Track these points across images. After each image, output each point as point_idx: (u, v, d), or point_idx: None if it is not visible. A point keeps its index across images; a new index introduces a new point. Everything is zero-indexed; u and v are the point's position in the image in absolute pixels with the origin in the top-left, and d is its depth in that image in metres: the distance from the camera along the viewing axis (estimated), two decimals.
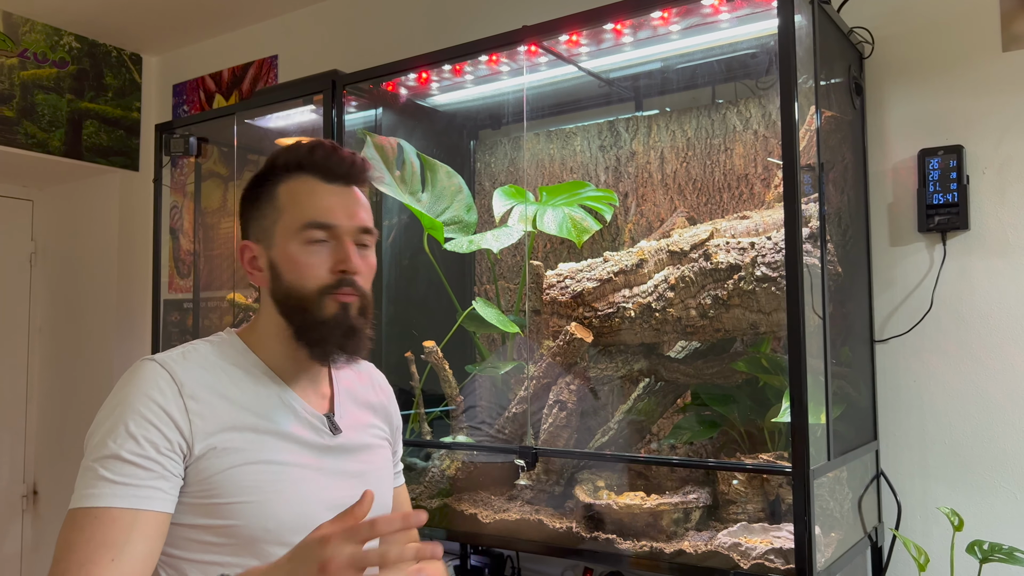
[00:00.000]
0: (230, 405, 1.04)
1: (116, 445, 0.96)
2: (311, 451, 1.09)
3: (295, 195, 1.08)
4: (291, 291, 1.07)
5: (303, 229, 1.06)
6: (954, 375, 1.77)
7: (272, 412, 1.07)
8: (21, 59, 3.02)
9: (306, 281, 1.07)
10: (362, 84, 2.17)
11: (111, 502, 0.95)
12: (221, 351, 1.10)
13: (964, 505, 1.73)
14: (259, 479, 1.02)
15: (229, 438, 1.02)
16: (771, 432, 1.70)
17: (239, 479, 1.01)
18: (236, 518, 1.01)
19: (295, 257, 1.07)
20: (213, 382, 1.05)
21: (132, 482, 0.96)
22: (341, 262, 1.07)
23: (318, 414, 1.12)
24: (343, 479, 1.12)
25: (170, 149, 2.53)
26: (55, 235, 3.63)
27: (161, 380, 1.01)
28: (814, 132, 1.58)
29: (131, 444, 0.97)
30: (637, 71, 2.08)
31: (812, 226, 1.55)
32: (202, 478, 1.00)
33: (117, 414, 0.99)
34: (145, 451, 0.97)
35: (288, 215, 1.08)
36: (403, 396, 2.16)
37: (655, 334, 1.75)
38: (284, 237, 1.07)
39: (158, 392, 1.00)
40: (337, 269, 1.07)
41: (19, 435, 3.58)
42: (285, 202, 1.08)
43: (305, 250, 1.07)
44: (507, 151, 2.36)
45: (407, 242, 2.26)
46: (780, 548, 1.45)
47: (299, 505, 1.04)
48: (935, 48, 1.81)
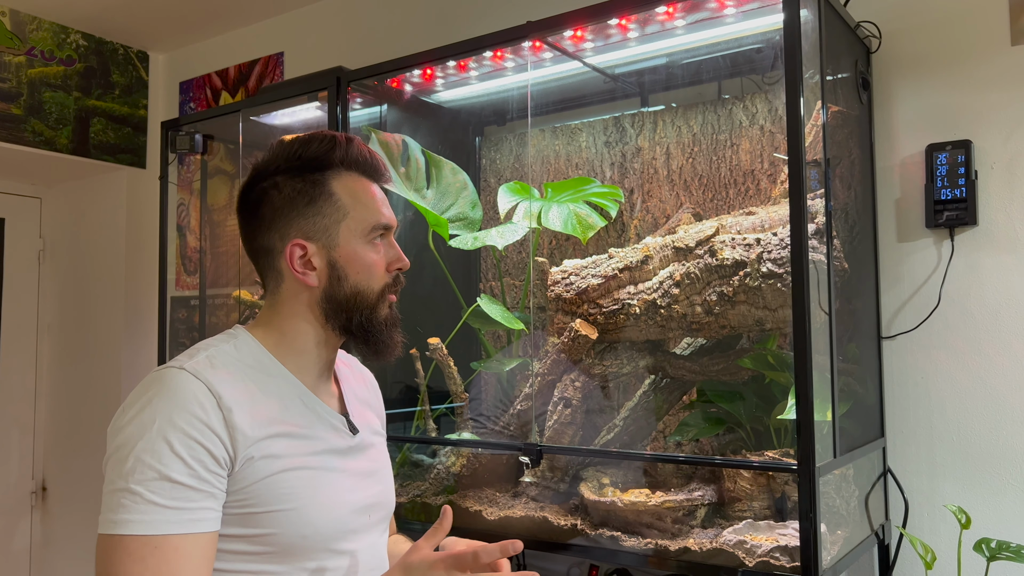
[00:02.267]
0: (262, 412, 1.02)
1: (163, 466, 0.92)
2: (336, 454, 1.08)
3: (356, 194, 1.09)
4: (357, 292, 1.08)
5: (374, 230, 1.09)
6: (962, 372, 1.76)
7: (300, 417, 1.06)
8: (28, 57, 3.03)
9: (373, 282, 1.08)
10: (367, 81, 2.16)
11: (169, 529, 0.92)
12: (242, 354, 1.06)
13: (972, 503, 1.71)
14: (295, 486, 1.01)
15: (265, 447, 1.00)
16: (777, 429, 1.69)
17: (275, 487, 1.00)
18: (274, 527, 0.99)
19: (365, 258, 1.08)
20: (244, 389, 1.02)
21: (186, 505, 0.93)
22: (397, 260, 1.11)
23: (337, 415, 1.12)
24: (364, 479, 1.12)
25: (176, 146, 2.53)
26: (63, 232, 3.65)
27: (200, 393, 0.97)
28: (820, 127, 1.57)
29: (179, 464, 0.93)
30: (642, 67, 2.07)
31: (818, 222, 1.54)
32: (238, 488, 0.98)
33: (156, 431, 0.94)
34: (195, 471, 0.94)
35: (355, 215, 1.08)
36: (408, 393, 2.16)
37: (660, 331, 1.75)
38: (350, 237, 1.08)
39: (198, 406, 0.96)
40: (393, 267, 1.11)
41: (28, 432, 3.60)
42: (348, 201, 1.08)
43: (374, 250, 1.09)
44: (512, 147, 2.35)
45: (412, 239, 2.26)
46: (786, 546, 1.44)
47: (333, 510, 1.04)
48: (943, 42, 1.80)
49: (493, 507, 1.82)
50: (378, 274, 1.09)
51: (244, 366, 1.04)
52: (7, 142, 2.97)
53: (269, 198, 1.08)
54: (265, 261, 1.11)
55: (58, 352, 3.62)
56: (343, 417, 1.12)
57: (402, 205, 2.25)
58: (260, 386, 1.04)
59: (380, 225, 1.09)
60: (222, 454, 0.96)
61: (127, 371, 3.27)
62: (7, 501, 3.51)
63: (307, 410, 1.07)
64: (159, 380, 0.98)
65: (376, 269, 1.09)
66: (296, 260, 1.07)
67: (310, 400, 1.09)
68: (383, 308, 1.10)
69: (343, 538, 1.05)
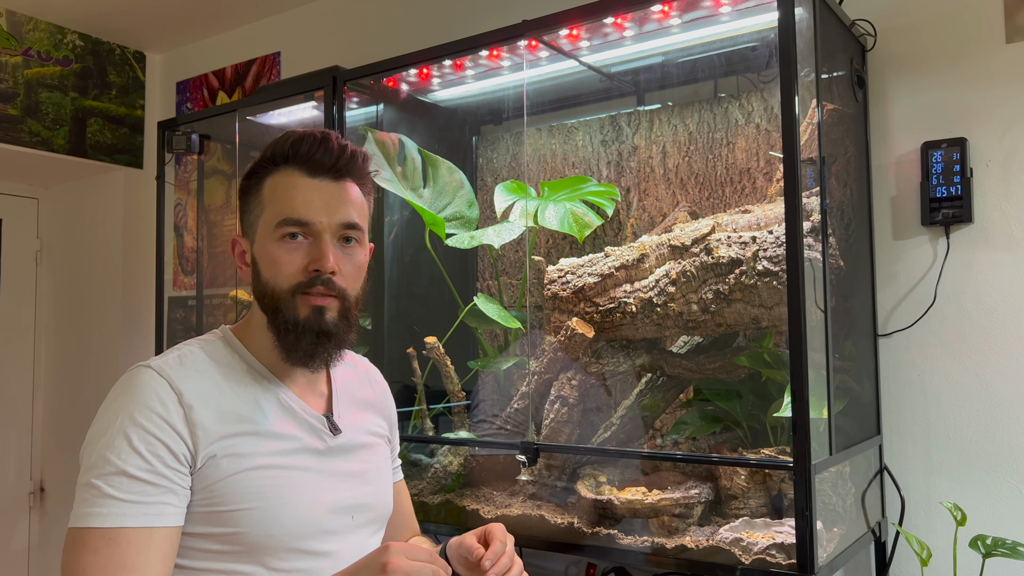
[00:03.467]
0: (229, 410, 1.02)
1: (121, 461, 0.94)
2: (311, 453, 1.07)
3: (276, 190, 1.06)
4: (266, 289, 1.05)
5: (280, 225, 1.04)
6: (958, 369, 1.76)
7: (271, 415, 1.05)
8: (25, 57, 3.03)
9: (279, 279, 1.04)
10: (363, 80, 2.17)
11: (123, 522, 0.93)
12: (217, 352, 1.07)
13: (968, 500, 1.72)
14: (260, 485, 1.00)
15: (229, 444, 1.00)
16: (773, 427, 1.69)
17: (240, 486, 0.99)
18: (239, 525, 0.99)
19: (271, 254, 1.04)
20: (211, 387, 1.02)
21: (142, 499, 0.94)
22: (314, 260, 1.03)
23: (317, 415, 1.10)
24: (344, 480, 1.10)
25: (173, 146, 2.53)
26: (60, 233, 3.64)
27: (160, 389, 0.98)
28: (815, 125, 1.57)
29: (136, 459, 0.94)
30: (638, 65, 2.07)
31: (814, 220, 1.54)
32: (204, 486, 0.98)
33: (117, 426, 0.96)
34: (152, 466, 0.95)
35: (269, 210, 1.05)
36: (405, 392, 2.16)
37: (657, 329, 1.75)
38: (264, 233, 1.06)
39: (158, 402, 0.97)
40: (311, 268, 1.04)
41: (26, 432, 3.60)
42: (268, 196, 1.06)
43: (281, 246, 1.04)
44: (509, 146, 2.35)
45: (409, 238, 2.26)
46: (782, 543, 1.45)
47: (302, 509, 1.03)
48: (938, 40, 1.80)
49: (490, 506, 1.82)
50: (285, 272, 1.04)
51: (216, 365, 1.05)
52: (4, 143, 2.97)
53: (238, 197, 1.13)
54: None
55: (55, 353, 3.62)
56: (325, 417, 1.11)
57: (399, 205, 2.25)
58: (231, 384, 1.04)
59: (288, 220, 1.03)
60: (182, 450, 0.97)
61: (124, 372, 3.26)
62: (5, 502, 3.51)
63: (282, 409, 1.06)
64: (126, 379, 1.01)
65: (282, 267, 1.04)
66: (237, 255, 1.11)
67: (287, 398, 1.08)
68: (296, 310, 1.04)
69: (316, 539, 1.04)
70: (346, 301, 1.07)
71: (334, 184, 1.07)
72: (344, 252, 1.07)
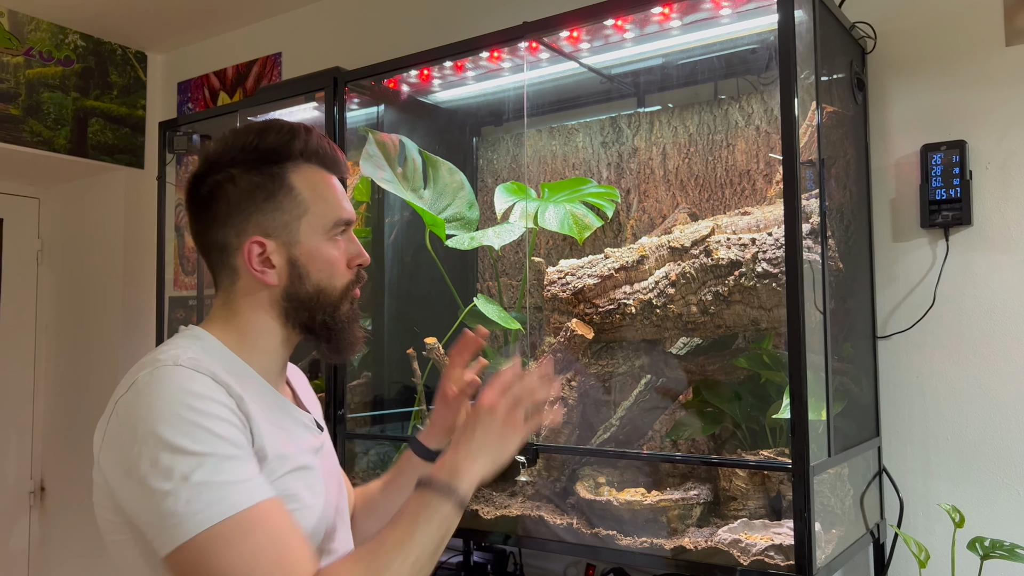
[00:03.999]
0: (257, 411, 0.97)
1: (211, 450, 0.86)
2: (313, 452, 1.07)
3: (316, 189, 1.04)
4: (320, 291, 1.03)
5: (336, 226, 1.04)
6: (957, 371, 1.76)
7: (282, 418, 1.03)
8: (27, 57, 3.03)
9: (335, 279, 1.04)
10: (364, 81, 2.17)
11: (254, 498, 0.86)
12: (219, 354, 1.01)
13: (966, 502, 1.72)
14: (297, 486, 0.98)
15: (273, 444, 0.96)
16: (772, 428, 1.70)
17: (283, 488, 0.95)
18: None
19: (327, 255, 1.04)
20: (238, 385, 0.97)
21: (253, 475, 0.89)
22: (357, 256, 1.07)
23: (307, 414, 1.10)
24: (334, 476, 1.11)
25: (174, 147, 2.54)
26: (61, 233, 3.65)
27: (208, 382, 0.91)
28: (815, 128, 1.58)
29: (223, 444, 0.87)
30: (638, 67, 2.08)
31: (813, 222, 1.54)
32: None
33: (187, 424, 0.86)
34: (240, 447, 0.89)
35: (316, 210, 1.03)
36: (405, 392, 2.17)
37: (656, 330, 1.75)
38: (311, 234, 1.03)
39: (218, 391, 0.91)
40: (354, 263, 1.07)
41: (26, 432, 3.60)
42: (308, 196, 1.02)
43: (334, 247, 1.05)
44: (509, 147, 2.36)
45: (409, 239, 2.26)
46: (780, 544, 1.45)
47: (323, 509, 1.03)
48: (938, 43, 1.80)
49: (489, 506, 1.83)
50: (340, 271, 1.05)
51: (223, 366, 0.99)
52: (5, 142, 2.98)
53: (224, 192, 1.01)
54: (218, 258, 1.04)
55: (56, 352, 3.62)
56: (309, 414, 1.11)
57: (399, 205, 2.25)
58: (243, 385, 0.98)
59: (342, 221, 1.05)
60: (247, 435, 0.92)
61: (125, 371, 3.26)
62: (5, 501, 3.51)
63: (281, 410, 1.04)
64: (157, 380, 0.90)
65: (338, 266, 1.05)
66: (254, 258, 1.01)
67: (281, 400, 1.06)
68: (345, 305, 1.06)
69: (330, 537, 1.05)
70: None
71: (337, 178, 1.09)
72: None
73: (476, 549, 2.15)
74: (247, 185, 1.01)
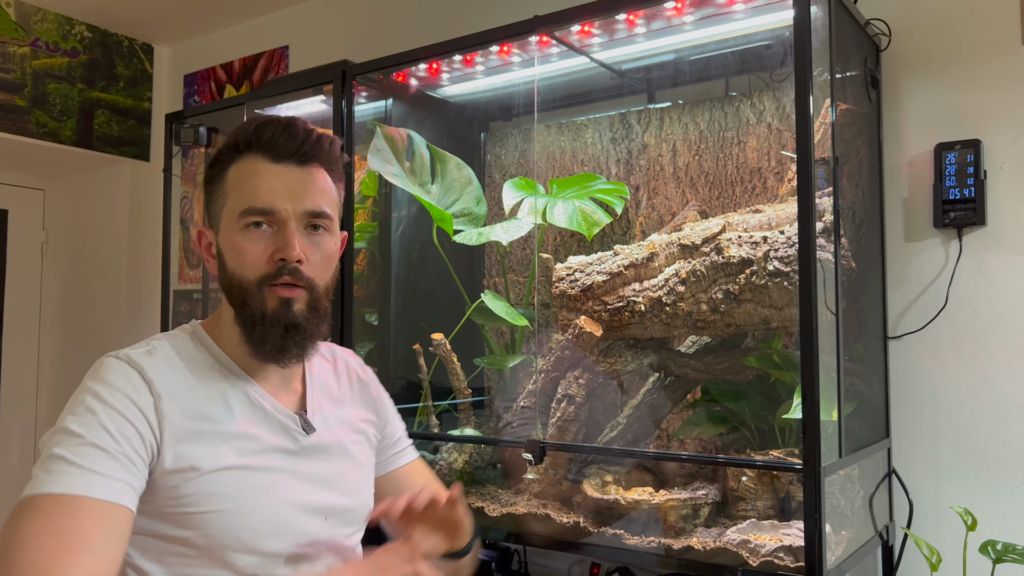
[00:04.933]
0: (196, 408, 0.98)
1: (89, 434, 0.90)
2: (282, 454, 1.03)
3: (241, 178, 1.02)
4: (233, 281, 1.02)
5: (243, 215, 1.00)
6: (969, 373, 1.74)
7: (239, 413, 1.01)
8: (33, 48, 3.02)
9: (245, 270, 1.00)
10: (372, 74, 2.15)
11: (86, 491, 0.87)
12: (185, 347, 1.03)
13: (977, 504, 1.70)
14: (229, 486, 0.97)
15: (197, 444, 0.96)
16: (782, 428, 1.68)
17: (208, 487, 0.95)
18: (208, 528, 0.95)
19: (236, 244, 1.01)
20: (180, 382, 0.99)
21: (106, 472, 0.89)
22: (279, 250, 1.00)
23: (289, 413, 1.06)
24: (318, 480, 1.06)
25: (180, 139, 2.52)
26: (66, 225, 3.64)
27: (131, 375, 0.96)
28: (829, 125, 1.56)
29: (104, 435, 0.90)
30: (650, 63, 2.06)
31: (826, 220, 1.52)
32: (170, 486, 0.94)
33: (86, 407, 0.92)
34: (120, 444, 0.91)
35: (232, 199, 1.02)
36: (411, 388, 2.15)
37: (665, 328, 1.74)
38: (227, 222, 1.02)
39: (130, 387, 0.95)
40: (276, 257, 1.00)
41: (29, 424, 3.60)
42: (231, 185, 1.03)
43: (245, 236, 1.00)
44: (517, 143, 2.34)
45: (416, 234, 2.25)
46: (790, 546, 1.43)
47: (272, 511, 0.99)
48: (953, 41, 1.78)
49: (495, 503, 1.82)
50: (250, 262, 1.00)
51: (183, 360, 1.01)
52: (11, 133, 2.96)
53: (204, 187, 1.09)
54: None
55: (60, 345, 3.62)
56: (298, 415, 1.07)
57: (407, 200, 2.24)
58: (201, 380, 1.01)
59: (251, 209, 1.00)
60: (149, 438, 0.93)
61: None
62: (8, 494, 3.50)
63: (251, 407, 1.03)
64: (96, 367, 0.98)
65: (246, 256, 1.00)
66: (203, 247, 1.07)
67: (257, 396, 1.04)
68: (265, 303, 1.00)
69: (289, 540, 1.01)
70: (314, 292, 1.03)
71: (299, 170, 1.03)
72: (311, 241, 1.03)
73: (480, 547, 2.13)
74: (206, 178, 1.08)
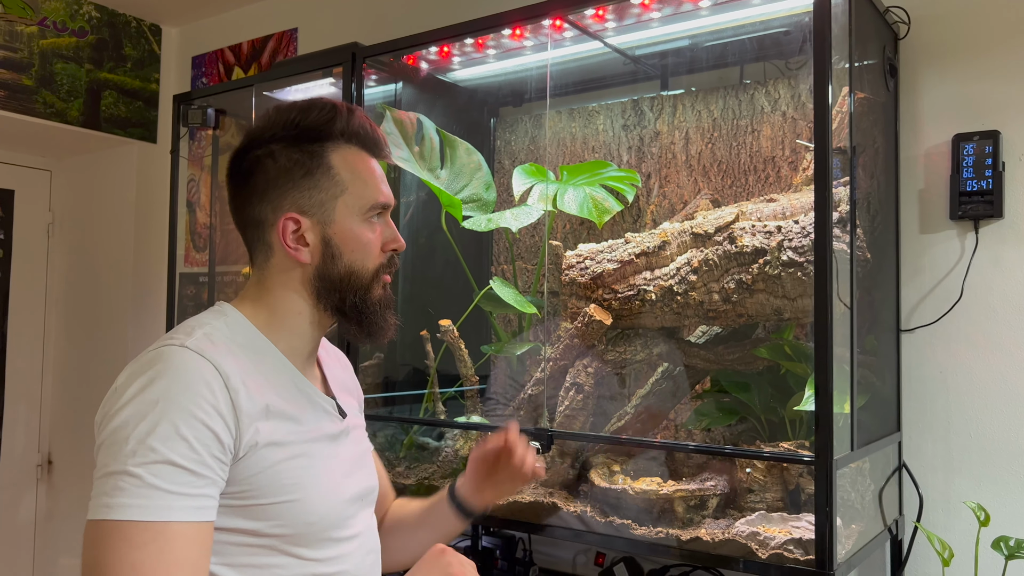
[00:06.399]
0: (262, 395, 0.96)
1: (167, 449, 0.86)
2: (329, 439, 1.05)
3: (355, 170, 1.04)
4: (351, 272, 1.04)
5: (372, 208, 1.04)
6: (982, 367, 1.72)
7: (294, 400, 1.02)
8: (41, 27, 3.00)
9: (368, 262, 1.05)
10: (382, 57, 2.13)
11: (171, 516, 0.86)
12: (235, 332, 1.00)
13: (988, 500, 1.68)
14: (297, 475, 0.97)
15: (268, 433, 0.95)
16: (792, 420, 1.66)
17: (279, 478, 0.96)
18: (278, 518, 0.96)
19: (362, 237, 1.04)
20: (247, 369, 0.96)
21: (189, 492, 0.87)
22: (392, 240, 1.07)
23: (329, 399, 1.08)
24: (353, 464, 1.10)
25: (188, 120, 2.51)
26: (73, 206, 3.63)
27: (207, 372, 0.91)
28: (846, 114, 1.53)
29: (183, 447, 0.87)
30: (664, 48, 2.03)
31: (841, 210, 1.50)
32: (242, 478, 0.93)
33: (159, 412, 0.87)
34: (200, 455, 0.88)
35: (353, 191, 1.03)
36: (417, 375, 2.14)
37: (676, 318, 1.72)
38: (346, 214, 1.03)
39: (205, 387, 0.90)
40: (389, 247, 1.07)
41: (35, 405, 3.60)
42: (347, 176, 1.03)
43: (370, 229, 1.05)
44: (528, 129, 2.32)
45: (424, 220, 2.23)
46: (800, 539, 1.42)
47: (332, 497, 1.01)
48: (973, 30, 1.75)
49: None
50: (373, 254, 1.05)
51: (237, 345, 0.99)
52: (18, 113, 2.95)
53: (263, 167, 1.02)
54: (254, 233, 1.06)
55: (65, 326, 3.61)
56: (333, 400, 1.10)
57: (416, 185, 2.22)
58: (256, 367, 0.99)
59: (379, 204, 1.06)
60: (228, 440, 0.91)
61: (134, 347, 3.26)
62: (13, 474, 3.51)
63: (300, 393, 1.03)
64: (160, 359, 0.91)
65: (372, 248, 1.05)
66: (288, 235, 1.02)
67: (302, 383, 1.05)
68: (377, 289, 1.06)
69: (344, 525, 1.04)
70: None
71: (378, 163, 1.09)
72: None
73: (484, 534, 2.13)
74: (286, 162, 1.02)
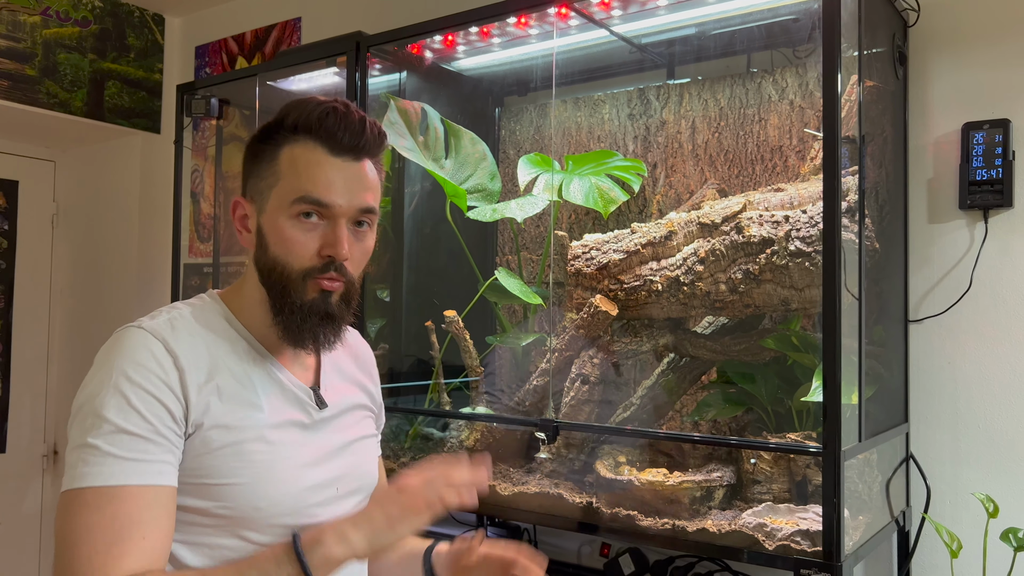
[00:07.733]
0: (219, 380, 0.99)
1: (121, 419, 0.92)
2: (298, 427, 1.05)
3: (296, 162, 1.00)
4: (274, 266, 1.01)
5: (296, 202, 0.99)
6: (990, 358, 1.71)
7: (260, 387, 1.03)
8: (44, 17, 2.99)
9: (291, 259, 1.00)
10: (386, 46, 2.12)
11: (127, 479, 0.90)
12: (206, 318, 1.04)
13: (997, 491, 1.68)
14: (249, 459, 0.98)
15: (219, 416, 0.97)
16: (799, 411, 1.66)
17: (230, 459, 0.97)
18: (226, 499, 0.97)
19: (284, 230, 1.00)
20: (203, 354, 1.00)
21: (145, 457, 0.92)
22: (330, 246, 1.00)
23: (305, 388, 1.08)
24: (330, 455, 1.08)
25: (192, 110, 2.50)
26: (77, 197, 3.62)
27: (155, 349, 0.96)
28: (855, 103, 1.52)
29: (136, 417, 0.92)
30: (670, 36, 2.01)
31: (850, 200, 1.49)
32: (193, 456, 0.96)
33: (111, 385, 0.93)
34: (152, 425, 0.93)
35: (285, 182, 1.00)
36: (422, 366, 2.14)
37: (682, 308, 1.71)
38: (277, 205, 1.01)
39: (154, 362, 0.95)
40: (324, 253, 1.00)
41: (40, 396, 3.60)
42: (285, 167, 1.01)
43: (295, 225, 1.00)
44: (533, 118, 2.30)
45: (429, 210, 2.22)
46: (807, 530, 1.41)
47: (289, 485, 1.01)
48: (983, 17, 1.73)
49: (507, 482, 1.80)
50: (298, 253, 1.00)
51: (205, 331, 1.02)
52: (21, 103, 2.94)
53: (245, 155, 1.07)
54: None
55: (70, 316, 3.61)
56: (312, 390, 1.09)
57: (420, 175, 2.21)
58: (221, 352, 1.01)
59: (307, 198, 0.99)
60: (179, 412, 0.95)
61: None
62: (18, 464, 3.52)
63: (270, 380, 1.04)
64: (116, 339, 0.98)
65: (295, 247, 1.00)
66: (237, 218, 1.06)
67: (276, 371, 1.05)
68: (305, 293, 1.01)
69: (301, 513, 1.02)
70: (352, 285, 1.05)
71: (354, 164, 1.02)
72: (356, 236, 1.04)
73: (490, 524, 2.13)
74: (253, 151, 1.06)
